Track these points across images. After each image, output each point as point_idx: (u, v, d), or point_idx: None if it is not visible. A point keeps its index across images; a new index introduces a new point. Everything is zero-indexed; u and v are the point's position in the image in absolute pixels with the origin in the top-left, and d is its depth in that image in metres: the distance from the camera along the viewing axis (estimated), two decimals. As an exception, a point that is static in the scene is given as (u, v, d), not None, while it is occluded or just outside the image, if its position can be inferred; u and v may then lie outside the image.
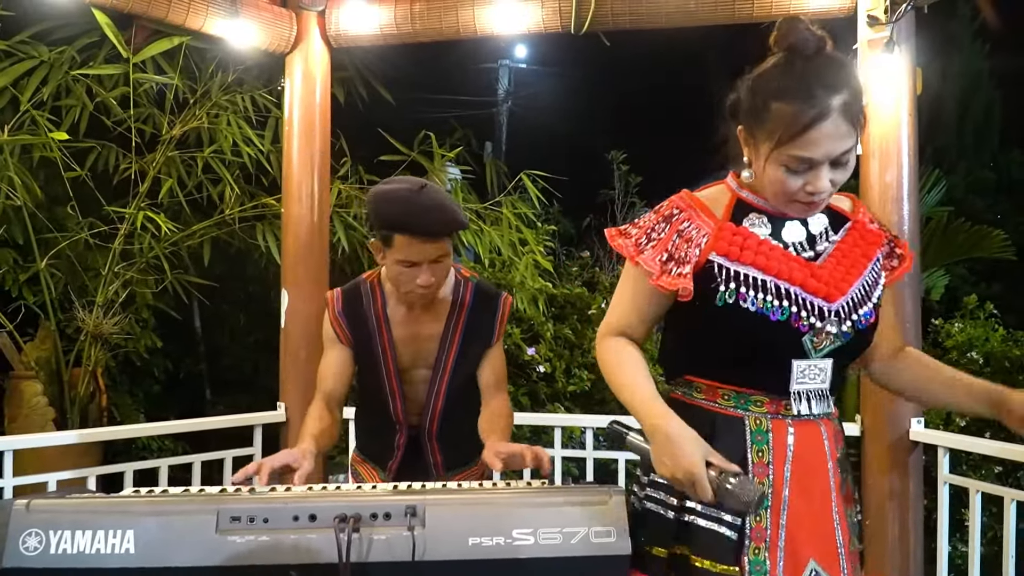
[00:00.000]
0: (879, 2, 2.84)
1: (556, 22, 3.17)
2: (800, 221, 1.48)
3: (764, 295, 1.42)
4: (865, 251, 1.49)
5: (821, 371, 1.45)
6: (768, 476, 1.44)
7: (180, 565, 1.47)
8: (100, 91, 3.69)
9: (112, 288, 3.80)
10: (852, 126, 1.35)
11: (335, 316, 2.09)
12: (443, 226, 1.91)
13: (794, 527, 1.44)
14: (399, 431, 2.13)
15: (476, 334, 2.08)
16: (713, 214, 1.48)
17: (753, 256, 1.43)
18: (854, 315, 1.44)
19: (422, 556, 1.47)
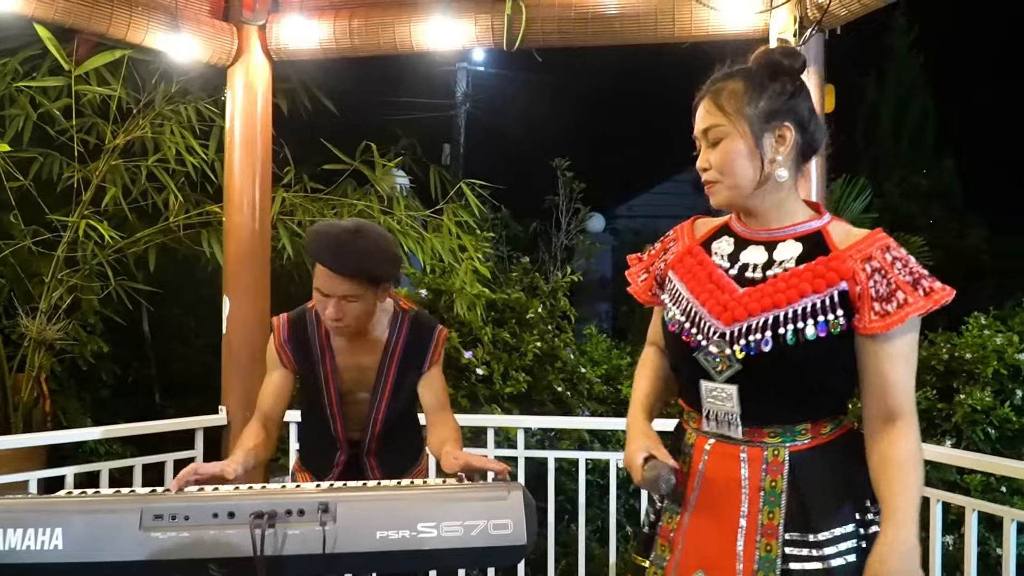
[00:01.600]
0: (789, 26, 3.02)
1: (489, 38, 3.31)
2: (765, 246, 1.51)
3: (675, 307, 1.56)
4: (803, 287, 1.44)
5: (728, 396, 1.47)
6: (685, 483, 1.57)
7: (106, 560, 1.58)
8: (44, 101, 3.74)
9: (56, 294, 3.85)
10: (719, 108, 1.49)
11: (280, 344, 2.20)
12: (350, 267, 1.99)
13: (691, 537, 1.53)
14: (339, 449, 2.24)
15: (411, 364, 2.21)
16: (693, 236, 1.64)
17: (685, 272, 1.58)
18: (742, 340, 1.44)
19: (333, 549, 1.59)
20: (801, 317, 1.42)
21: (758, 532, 1.45)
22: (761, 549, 1.45)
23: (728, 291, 1.49)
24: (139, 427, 3.34)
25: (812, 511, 1.43)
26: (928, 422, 3.70)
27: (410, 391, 2.24)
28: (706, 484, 1.53)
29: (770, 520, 1.45)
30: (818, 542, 1.42)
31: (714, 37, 3.19)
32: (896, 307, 1.39)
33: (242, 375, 3.43)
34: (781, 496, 1.45)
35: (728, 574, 1.46)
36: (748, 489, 1.48)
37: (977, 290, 8.05)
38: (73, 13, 2.98)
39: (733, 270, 1.52)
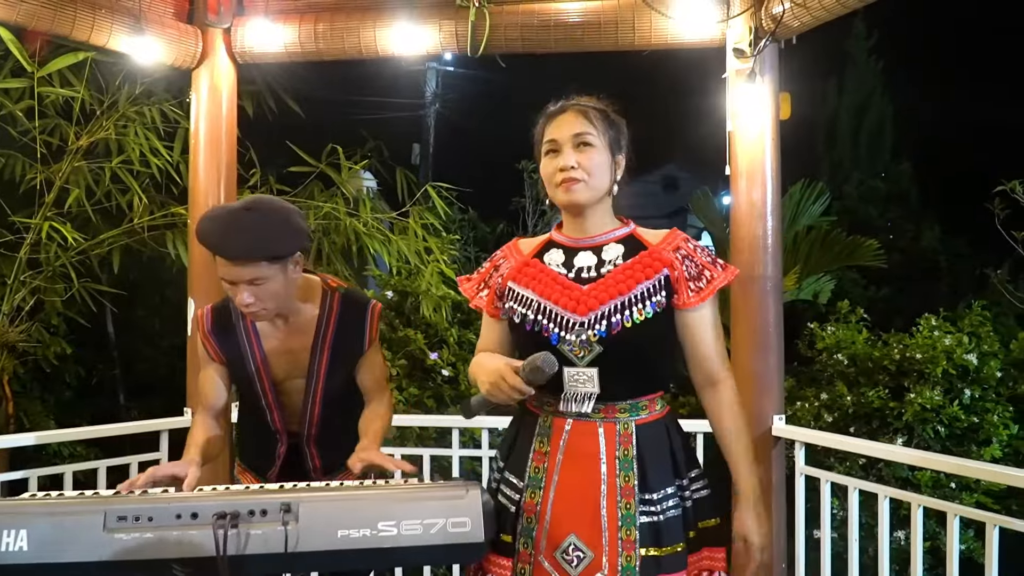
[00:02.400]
0: (744, 36, 3.11)
1: (454, 44, 3.35)
2: (593, 250, 1.81)
3: (526, 310, 1.79)
4: (637, 275, 1.75)
5: (589, 378, 1.74)
6: (544, 463, 1.79)
7: (70, 561, 1.61)
8: (6, 102, 3.72)
9: (19, 296, 3.83)
10: (589, 121, 1.77)
11: (205, 335, 2.13)
12: (248, 251, 1.88)
13: (558, 506, 1.75)
14: (279, 441, 2.20)
15: (346, 343, 2.14)
16: (522, 253, 1.90)
17: (528, 280, 1.82)
18: (597, 326, 1.72)
19: (295, 548, 1.63)
20: (640, 300, 1.74)
21: (618, 494, 1.73)
22: (622, 508, 1.73)
23: (574, 289, 1.77)
24: (103, 429, 3.34)
25: (649, 475, 1.74)
26: (881, 420, 3.82)
27: (347, 372, 2.17)
28: (568, 458, 1.76)
29: (626, 483, 1.74)
30: (652, 499, 1.74)
31: (673, 46, 3.27)
32: (706, 283, 1.77)
33: (207, 377, 3.44)
34: (633, 462, 1.74)
35: (596, 532, 1.72)
36: (606, 458, 1.75)
37: (931, 291, 8.28)
38: (36, 16, 2.98)
39: (571, 274, 1.79)
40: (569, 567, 1.72)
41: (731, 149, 3.18)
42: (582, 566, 1.71)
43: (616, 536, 1.71)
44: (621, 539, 1.71)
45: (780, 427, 3.10)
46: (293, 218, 1.99)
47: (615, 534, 1.71)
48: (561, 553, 1.73)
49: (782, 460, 3.17)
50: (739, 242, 3.18)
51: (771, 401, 3.13)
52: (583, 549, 1.72)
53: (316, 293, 2.13)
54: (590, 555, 1.71)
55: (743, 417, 1.82)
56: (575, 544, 1.72)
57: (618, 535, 1.71)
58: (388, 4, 3.38)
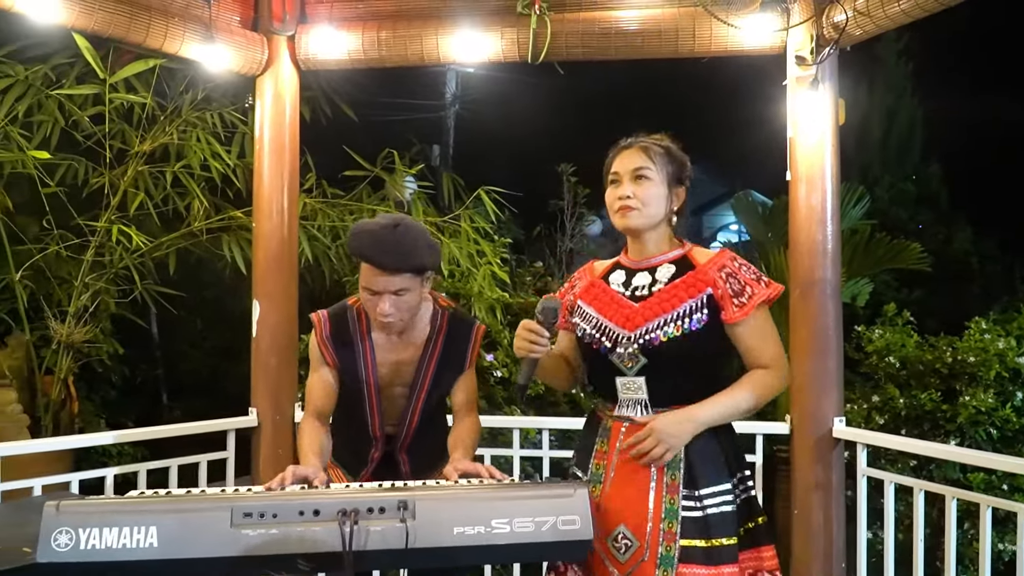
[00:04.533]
0: (806, 43, 3.15)
1: (515, 52, 3.40)
2: (649, 271, 2.04)
3: (586, 325, 2.04)
4: (681, 294, 1.96)
5: (639, 386, 1.97)
6: (604, 460, 2.01)
7: (200, 556, 1.67)
8: (73, 108, 3.80)
9: (84, 298, 3.91)
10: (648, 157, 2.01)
11: (322, 340, 2.25)
12: (400, 263, 2.06)
13: (611, 499, 1.96)
14: (374, 446, 2.30)
15: (450, 360, 2.27)
16: (594, 274, 2.15)
17: (592, 299, 2.07)
18: (642, 339, 1.94)
19: (413, 544, 1.69)
20: (680, 317, 1.93)
21: (664, 490, 1.92)
22: (667, 503, 1.91)
23: (626, 307, 2.00)
24: (178, 428, 3.40)
25: (697, 473, 1.92)
26: (932, 423, 3.85)
27: (445, 389, 2.29)
28: (622, 459, 1.96)
29: (672, 481, 1.93)
30: (700, 496, 1.91)
31: (732, 53, 3.31)
32: (748, 298, 1.95)
33: (270, 378, 3.51)
34: (680, 462, 1.93)
35: (642, 523, 1.91)
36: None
37: (964, 293, 8.28)
38: (112, 24, 3.04)
39: (628, 292, 2.02)
40: (618, 553, 1.92)
41: (791, 155, 3.22)
42: (629, 553, 1.91)
43: (659, 528, 1.90)
44: (663, 530, 1.89)
45: (841, 429, 3.13)
46: (430, 237, 2.19)
47: (658, 526, 1.90)
48: (612, 540, 1.93)
49: (841, 462, 3.21)
50: (799, 246, 3.22)
51: (831, 404, 3.17)
52: (631, 537, 1.91)
53: (428, 311, 2.26)
54: (636, 543, 1.91)
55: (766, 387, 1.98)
56: (624, 533, 1.93)
57: (660, 527, 1.90)
58: (450, 12, 3.44)
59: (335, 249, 4.55)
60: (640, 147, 2.04)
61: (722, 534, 1.89)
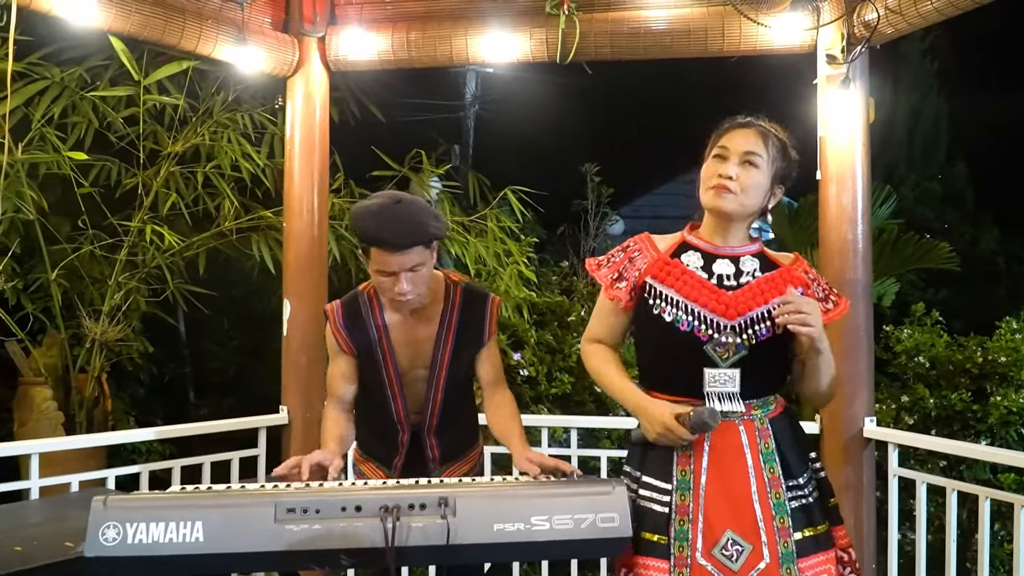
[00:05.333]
0: (836, 42, 3.14)
1: (543, 52, 3.41)
2: (731, 259, 1.92)
3: (676, 311, 1.87)
4: (779, 287, 1.87)
5: (730, 378, 1.84)
6: (689, 465, 1.86)
7: (245, 551, 1.69)
8: (107, 110, 3.85)
9: (117, 297, 3.96)
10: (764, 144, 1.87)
11: (337, 328, 2.24)
12: (411, 238, 2.01)
13: (711, 505, 1.82)
14: (402, 430, 2.29)
15: (468, 334, 2.23)
16: (659, 250, 1.97)
17: (674, 281, 1.89)
18: (749, 330, 1.83)
19: (454, 540, 1.71)
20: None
21: (767, 485, 1.82)
22: (773, 498, 1.82)
23: (720, 294, 1.86)
24: (208, 426, 3.46)
25: (790, 462, 1.86)
26: (962, 423, 3.83)
27: (467, 365, 2.25)
28: (714, 457, 1.84)
29: (772, 474, 1.84)
30: (799, 484, 1.85)
31: (761, 52, 3.31)
32: (833, 305, 1.95)
33: (301, 376, 3.55)
34: (774, 453, 1.85)
35: (752, 524, 1.80)
36: (751, 453, 1.84)
37: (990, 293, 8.20)
38: (148, 26, 3.09)
39: (713, 279, 1.88)
40: (729, 562, 1.78)
41: (821, 154, 3.21)
42: (742, 559, 1.78)
43: (772, 525, 1.80)
44: (776, 527, 1.80)
45: (872, 429, 3.13)
46: (429, 206, 2.14)
47: (771, 524, 1.80)
48: (720, 550, 1.79)
49: (872, 462, 3.20)
50: (829, 246, 3.21)
51: (862, 403, 3.16)
52: (741, 543, 1.79)
53: (440, 286, 2.24)
54: (749, 547, 1.79)
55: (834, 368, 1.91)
56: (733, 539, 1.80)
57: (773, 524, 1.80)
58: (479, 12, 3.46)
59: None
60: (758, 130, 1.89)
61: (820, 520, 1.86)
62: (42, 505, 2.64)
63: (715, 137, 1.93)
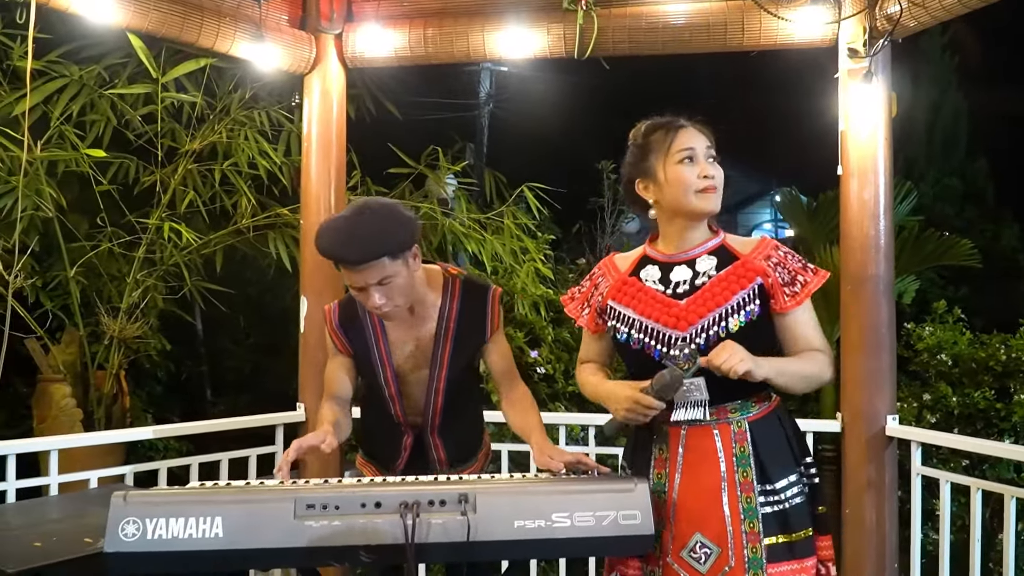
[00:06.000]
0: (858, 35, 3.10)
1: (561, 48, 3.39)
2: (687, 264, 1.90)
3: (630, 329, 1.89)
4: (732, 285, 1.85)
5: (698, 387, 1.83)
6: (665, 468, 1.89)
7: (264, 547, 1.69)
8: (125, 108, 3.87)
9: (136, 294, 3.98)
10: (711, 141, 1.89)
11: (333, 329, 2.22)
12: (370, 252, 1.92)
13: (681, 508, 1.85)
14: (404, 432, 2.25)
15: (469, 329, 2.18)
16: (619, 270, 1.99)
17: (629, 300, 1.92)
18: (699, 338, 1.81)
19: (475, 537, 1.69)
20: (736, 310, 1.82)
21: (738, 489, 1.82)
22: (743, 502, 1.81)
23: (672, 306, 1.86)
24: (226, 423, 3.46)
25: (768, 466, 1.83)
26: (985, 421, 3.78)
27: (469, 360, 2.21)
28: (687, 463, 1.86)
29: (745, 478, 1.83)
30: (775, 489, 1.82)
31: (782, 46, 3.27)
32: (800, 287, 1.85)
33: (318, 373, 3.48)
34: (749, 458, 1.83)
35: (721, 528, 1.81)
36: (724, 457, 1.84)
37: (1011, 290, 8.11)
38: (166, 23, 3.09)
39: (669, 290, 1.88)
40: (697, 564, 1.81)
41: (843, 149, 3.18)
42: (710, 562, 1.81)
43: (740, 530, 1.80)
44: (745, 532, 1.80)
45: (894, 427, 3.09)
46: (400, 212, 2.04)
47: (739, 528, 1.80)
48: (688, 552, 1.82)
49: (895, 460, 3.16)
50: (850, 242, 3.17)
51: (884, 401, 3.12)
52: (709, 545, 1.81)
53: (437, 282, 2.19)
54: (716, 550, 1.80)
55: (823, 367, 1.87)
56: (701, 542, 1.82)
57: (742, 528, 1.80)
58: (496, 8, 3.44)
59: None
60: (701, 126, 1.90)
61: (800, 526, 1.82)
62: (61, 501, 2.65)
63: (663, 143, 1.88)
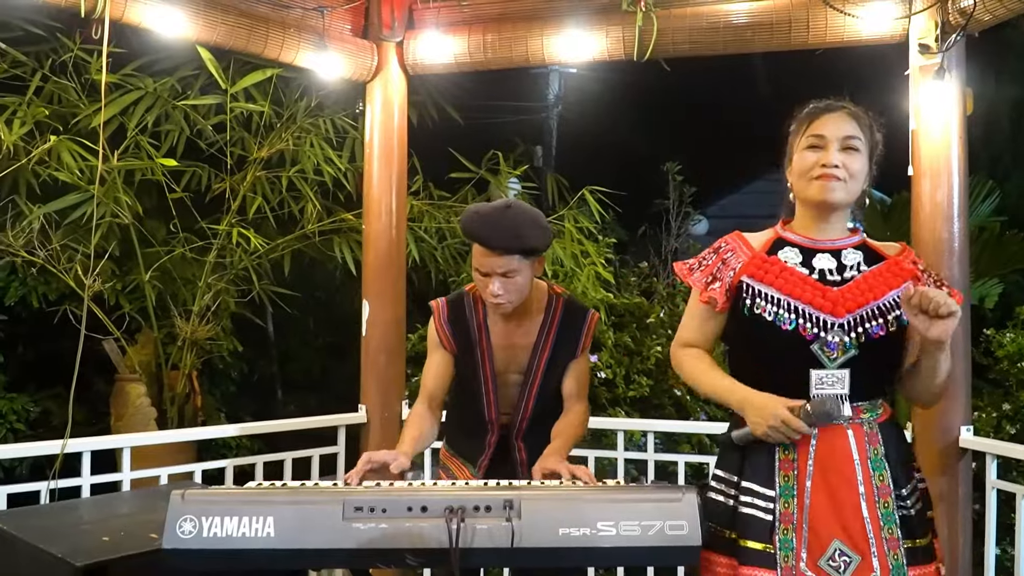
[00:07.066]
0: (930, 31, 2.99)
1: (620, 50, 3.36)
2: (831, 253, 1.81)
3: (778, 309, 1.77)
4: (889, 281, 1.78)
5: (839, 380, 1.74)
6: (793, 471, 1.77)
7: (313, 547, 1.72)
8: (197, 118, 4.01)
9: (206, 298, 4.12)
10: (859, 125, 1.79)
11: (440, 325, 2.30)
12: (508, 243, 2.07)
13: (817, 512, 1.74)
14: (491, 431, 2.32)
15: (564, 345, 2.27)
16: (753, 248, 1.88)
17: (773, 279, 1.80)
18: (859, 328, 1.73)
19: (519, 543, 1.69)
20: (895, 306, 1.74)
21: (875, 494, 1.73)
22: (881, 507, 1.73)
23: (825, 291, 1.76)
24: (294, 423, 3.56)
25: (898, 472, 1.76)
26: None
27: (560, 375, 2.29)
28: (820, 462, 1.75)
29: (881, 482, 1.74)
30: (903, 495, 1.76)
31: (849, 43, 3.17)
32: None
33: (379, 376, 3.60)
34: (883, 460, 1.75)
35: (861, 534, 1.72)
36: (859, 459, 1.75)
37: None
38: (233, 36, 3.19)
39: (814, 275, 1.79)
40: (837, 573, 1.72)
41: (914, 148, 3.06)
42: (850, 571, 1.72)
43: (881, 536, 1.72)
44: (885, 538, 1.72)
45: (968, 438, 2.96)
46: (542, 219, 2.18)
47: (879, 534, 1.72)
48: (827, 560, 1.73)
49: (969, 472, 3.03)
50: (922, 245, 3.05)
51: (958, 411, 3.00)
52: (849, 554, 1.72)
53: (543, 297, 2.28)
54: (857, 558, 1.72)
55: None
56: (840, 549, 1.73)
57: (882, 535, 1.72)
58: (555, 12, 3.44)
59: (441, 250, 4.63)
60: (849, 113, 1.81)
61: (923, 533, 1.77)
62: (132, 497, 2.76)
63: (802, 127, 1.84)
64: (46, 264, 3.67)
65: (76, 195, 3.78)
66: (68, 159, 3.64)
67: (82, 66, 3.81)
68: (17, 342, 4.99)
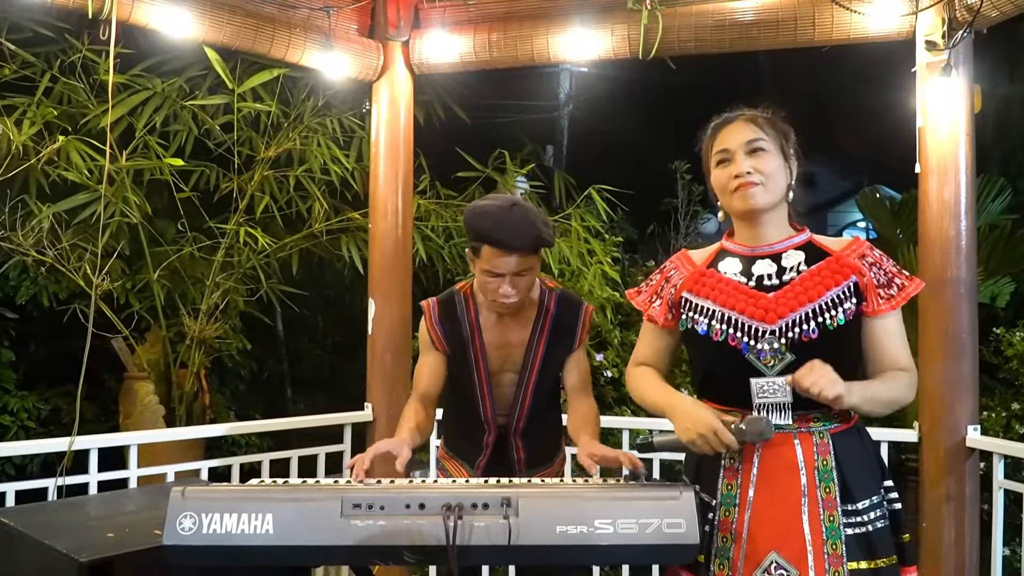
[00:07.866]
0: (937, 27, 2.97)
1: (625, 49, 3.36)
2: (771, 258, 1.79)
3: (711, 320, 1.77)
4: (826, 281, 1.73)
5: (780, 387, 1.71)
6: (737, 479, 1.76)
7: (312, 544, 1.73)
8: (205, 118, 4.04)
9: (215, 296, 4.14)
10: (759, 128, 1.78)
11: (432, 324, 2.28)
12: (525, 241, 2.05)
13: (756, 523, 1.71)
14: (488, 431, 2.31)
15: (560, 340, 2.26)
16: (695, 263, 1.89)
17: (709, 291, 1.80)
18: (790, 333, 1.70)
19: (516, 541, 1.69)
20: (831, 307, 1.70)
21: (820, 506, 1.68)
22: (825, 520, 1.67)
23: (759, 298, 1.74)
24: (299, 421, 3.58)
25: (851, 484, 1.69)
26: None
27: (556, 370, 2.28)
28: (764, 471, 1.72)
29: (828, 494, 1.69)
30: (857, 509, 1.69)
31: (856, 40, 3.16)
32: (897, 290, 1.74)
33: (386, 374, 3.61)
34: (832, 472, 1.69)
35: (800, 548, 1.67)
36: (805, 470, 1.70)
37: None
38: (239, 36, 3.21)
39: (752, 282, 1.77)
40: None
41: (921, 145, 3.05)
42: None
43: (822, 551, 1.65)
44: (827, 553, 1.65)
45: (975, 438, 2.94)
46: (541, 213, 2.16)
47: (820, 548, 1.66)
48: (762, 572, 1.69)
49: (976, 472, 3.01)
50: (929, 243, 3.04)
51: (965, 410, 2.98)
52: (786, 567, 1.67)
53: (535, 292, 2.26)
54: (794, 572, 1.66)
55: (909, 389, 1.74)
56: (777, 562, 1.68)
57: (823, 549, 1.65)
58: (560, 11, 3.44)
59: (448, 249, 4.64)
60: (745, 119, 1.81)
61: (884, 553, 1.68)
62: (139, 494, 2.77)
63: (707, 147, 1.85)
64: (56, 263, 3.70)
65: (85, 195, 3.81)
66: (77, 159, 3.68)
67: (91, 67, 3.84)
68: (28, 340, 5.04)
